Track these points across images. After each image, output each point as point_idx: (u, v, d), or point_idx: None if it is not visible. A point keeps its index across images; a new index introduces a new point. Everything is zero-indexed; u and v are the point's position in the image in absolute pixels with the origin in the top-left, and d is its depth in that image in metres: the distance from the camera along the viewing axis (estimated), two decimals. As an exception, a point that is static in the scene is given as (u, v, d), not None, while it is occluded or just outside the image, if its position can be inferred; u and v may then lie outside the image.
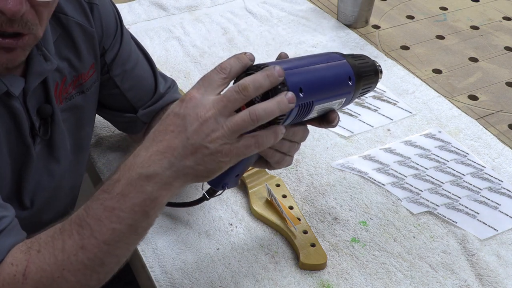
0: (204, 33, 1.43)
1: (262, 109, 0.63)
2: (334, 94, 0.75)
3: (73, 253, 0.66)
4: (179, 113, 0.64)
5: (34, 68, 0.78)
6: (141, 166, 0.64)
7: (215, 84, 0.64)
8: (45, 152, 0.85)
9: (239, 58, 0.66)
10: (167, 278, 0.87)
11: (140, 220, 0.65)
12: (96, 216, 0.65)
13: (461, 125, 1.18)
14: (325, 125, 0.78)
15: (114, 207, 0.64)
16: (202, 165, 0.63)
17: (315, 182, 1.04)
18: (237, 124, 0.63)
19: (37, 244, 0.68)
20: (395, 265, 0.91)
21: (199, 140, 0.62)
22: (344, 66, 0.77)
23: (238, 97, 0.63)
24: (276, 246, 0.92)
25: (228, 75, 0.65)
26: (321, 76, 0.73)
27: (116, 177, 0.66)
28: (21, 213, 0.84)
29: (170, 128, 0.64)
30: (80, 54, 0.87)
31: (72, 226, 0.67)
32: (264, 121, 0.64)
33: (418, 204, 1.01)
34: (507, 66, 1.37)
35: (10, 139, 0.80)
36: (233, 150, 0.63)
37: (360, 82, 0.79)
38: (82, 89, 0.89)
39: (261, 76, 0.64)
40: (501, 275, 0.90)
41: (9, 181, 0.82)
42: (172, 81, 1.05)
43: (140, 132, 1.02)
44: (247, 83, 0.63)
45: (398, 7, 1.58)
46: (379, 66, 0.85)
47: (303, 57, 0.76)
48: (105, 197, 0.65)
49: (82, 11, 0.86)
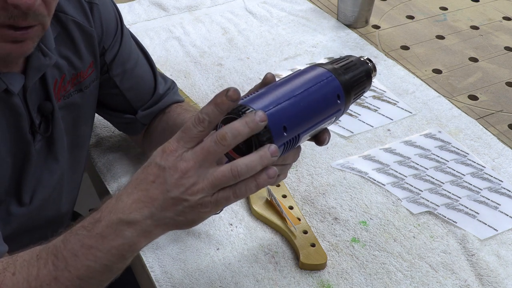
0: (204, 33, 1.43)
1: (244, 164, 0.62)
2: (323, 119, 0.71)
3: (46, 282, 0.66)
4: (159, 164, 0.62)
5: (32, 63, 0.79)
6: (122, 212, 0.63)
7: (194, 137, 0.62)
8: (45, 149, 0.86)
9: (218, 105, 0.62)
10: (167, 278, 0.87)
11: (116, 262, 0.65)
12: (72, 251, 0.65)
13: (461, 125, 1.18)
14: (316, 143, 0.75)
15: (91, 246, 0.64)
16: (182, 216, 0.63)
17: (315, 182, 1.04)
18: (218, 179, 0.62)
19: (12, 267, 0.68)
20: (395, 265, 0.91)
21: (179, 193, 0.62)
22: (331, 83, 0.71)
23: (217, 148, 0.61)
24: (276, 246, 0.92)
25: (206, 128, 0.62)
26: (306, 106, 0.68)
27: (98, 217, 0.65)
28: (19, 209, 0.85)
29: (151, 178, 0.63)
30: (79, 53, 0.87)
31: (48, 255, 0.67)
32: (246, 176, 0.62)
33: (418, 204, 1.01)
34: (507, 66, 1.37)
35: (10, 136, 0.80)
36: (213, 202, 0.63)
37: (350, 94, 0.74)
38: (81, 87, 0.89)
39: (240, 124, 0.61)
40: (501, 275, 0.90)
41: (8, 178, 0.82)
42: (172, 82, 1.04)
43: (140, 133, 1.02)
44: (225, 132, 0.61)
45: (398, 7, 1.58)
46: (370, 64, 0.78)
47: (286, 82, 0.70)
48: (84, 234, 0.65)
49: (82, 11, 0.87)
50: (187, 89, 1.24)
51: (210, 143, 0.61)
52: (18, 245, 0.73)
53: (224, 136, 0.61)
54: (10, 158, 0.81)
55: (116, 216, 0.63)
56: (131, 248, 0.64)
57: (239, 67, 1.32)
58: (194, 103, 1.19)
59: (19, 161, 0.82)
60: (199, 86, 1.26)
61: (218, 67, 1.32)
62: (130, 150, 1.09)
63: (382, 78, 1.30)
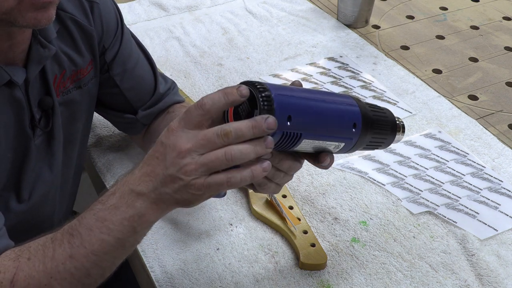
0: (204, 33, 1.43)
1: (238, 150, 0.63)
2: (331, 135, 0.70)
3: (61, 262, 0.68)
4: (163, 142, 0.66)
5: (32, 56, 0.80)
6: (132, 183, 0.67)
7: (193, 120, 0.65)
8: (45, 144, 0.86)
9: (226, 94, 0.64)
10: (167, 278, 0.87)
11: (127, 235, 0.68)
12: (87, 226, 0.68)
13: (461, 125, 1.18)
14: (316, 164, 0.75)
15: (105, 218, 0.67)
16: (179, 194, 0.66)
17: (315, 182, 1.04)
18: (211, 160, 0.64)
19: (27, 252, 0.70)
20: (395, 265, 0.91)
21: (174, 171, 0.64)
22: (352, 110, 0.72)
23: (218, 141, 0.63)
24: (276, 246, 0.92)
25: (206, 112, 0.64)
26: (319, 111, 0.68)
27: (112, 190, 0.69)
28: (18, 206, 0.85)
29: (156, 154, 0.66)
30: (79, 50, 0.88)
31: (63, 235, 0.69)
32: (238, 162, 0.64)
33: (418, 204, 1.01)
34: (507, 66, 1.37)
35: (10, 131, 0.80)
36: (205, 185, 0.65)
37: (367, 132, 0.73)
38: (80, 84, 0.89)
39: (246, 126, 0.63)
40: (501, 275, 0.90)
41: (8, 173, 0.82)
42: (173, 83, 1.04)
43: (140, 133, 1.02)
44: (230, 130, 0.63)
45: (398, 7, 1.58)
46: (400, 122, 0.78)
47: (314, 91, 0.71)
48: (99, 208, 0.68)
49: (82, 9, 0.87)
50: (187, 89, 1.24)
51: (213, 134, 0.63)
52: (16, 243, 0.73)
53: (227, 133, 0.63)
54: (10, 153, 0.81)
55: (127, 187, 0.67)
56: (141, 220, 0.67)
57: (239, 67, 1.32)
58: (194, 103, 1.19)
59: (19, 156, 0.83)
60: (199, 86, 1.26)
61: (218, 67, 1.32)
62: (130, 150, 1.09)
63: (382, 78, 1.30)
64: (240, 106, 0.66)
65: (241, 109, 0.66)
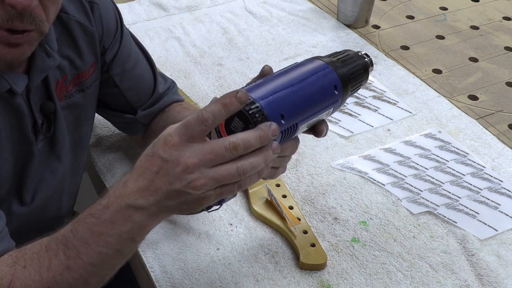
0: (204, 33, 1.43)
1: (249, 164, 0.63)
2: (320, 109, 0.72)
3: (58, 272, 0.67)
4: (162, 157, 0.63)
5: (37, 64, 0.79)
6: (129, 198, 0.65)
7: (196, 135, 0.63)
8: (48, 149, 0.86)
9: (226, 106, 0.62)
10: (167, 278, 0.87)
11: (127, 246, 0.67)
12: (83, 240, 0.66)
13: (461, 125, 1.18)
14: (314, 135, 0.76)
15: (102, 232, 0.66)
16: (185, 205, 0.65)
17: (315, 182, 1.04)
18: (222, 176, 0.62)
19: (22, 260, 0.69)
20: (395, 265, 0.91)
21: (181, 186, 0.62)
22: (328, 75, 0.73)
23: (227, 155, 0.62)
24: (276, 246, 0.92)
25: (208, 126, 0.63)
26: (304, 95, 0.69)
27: (105, 203, 0.66)
28: (21, 208, 0.85)
29: (154, 168, 0.64)
30: (81, 53, 0.87)
31: (58, 246, 0.68)
32: (250, 174, 0.64)
33: (418, 204, 1.01)
34: (507, 66, 1.37)
35: (12, 136, 0.80)
36: (216, 195, 0.64)
37: (347, 86, 0.75)
38: (82, 88, 0.89)
39: (254, 138, 0.63)
40: (501, 275, 0.90)
41: (10, 177, 0.82)
42: (172, 82, 1.05)
43: (140, 133, 1.02)
44: (238, 143, 0.62)
45: (398, 7, 1.58)
46: (367, 59, 0.79)
47: (284, 73, 0.72)
48: (93, 221, 0.66)
49: (83, 10, 0.87)
50: (187, 89, 1.24)
51: (221, 149, 0.62)
52: (18, 245, 0.73)
53: (236, 146, 0.62)
54: (13, 157, 0.81)
55: (124, 202, 0.65)
56: (141, 231, 0.66)
57: (239, 67, 1.32)
58: (194, 103, 1.19)
59: (21, 161, 0.83)
60: (199, 86, 1.26)
61: (218, 67, 1.32)
62: (130, 150, 1.09)
63: (382, 78, 1.30)
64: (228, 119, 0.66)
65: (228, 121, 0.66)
